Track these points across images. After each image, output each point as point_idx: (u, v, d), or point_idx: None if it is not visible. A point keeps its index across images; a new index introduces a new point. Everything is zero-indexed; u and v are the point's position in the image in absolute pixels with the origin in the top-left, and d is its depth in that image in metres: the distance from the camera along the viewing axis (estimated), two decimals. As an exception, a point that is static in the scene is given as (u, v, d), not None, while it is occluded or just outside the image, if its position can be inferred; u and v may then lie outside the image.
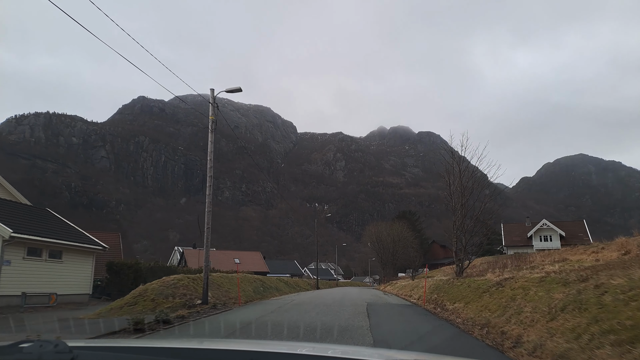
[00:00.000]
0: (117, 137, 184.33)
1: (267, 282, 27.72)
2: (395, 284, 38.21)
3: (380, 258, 58.08)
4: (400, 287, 31.18)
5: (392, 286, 37.13)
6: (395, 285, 36.34)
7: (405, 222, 59.25)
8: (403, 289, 28.33)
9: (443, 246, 69.07)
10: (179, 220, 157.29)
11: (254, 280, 25.61)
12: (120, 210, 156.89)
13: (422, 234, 68.53)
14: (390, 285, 38.86)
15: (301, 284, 40.75)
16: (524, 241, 53.11)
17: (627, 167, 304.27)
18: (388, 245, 55.69)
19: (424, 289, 19.50)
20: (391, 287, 36.95)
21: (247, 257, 62.09)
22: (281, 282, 32.41)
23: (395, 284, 38.82)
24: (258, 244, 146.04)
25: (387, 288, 37.63)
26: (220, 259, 54.10)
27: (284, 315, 12.40)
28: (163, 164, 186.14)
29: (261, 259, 63.48)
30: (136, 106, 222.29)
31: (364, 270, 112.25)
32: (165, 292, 15.22)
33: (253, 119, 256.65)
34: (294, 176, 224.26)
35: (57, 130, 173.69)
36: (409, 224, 60.03)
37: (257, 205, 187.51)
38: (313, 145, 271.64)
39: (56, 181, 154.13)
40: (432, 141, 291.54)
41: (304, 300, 19.92)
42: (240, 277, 21.54)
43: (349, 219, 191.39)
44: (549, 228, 53.81)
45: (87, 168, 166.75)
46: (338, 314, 12.71)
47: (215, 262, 50.18)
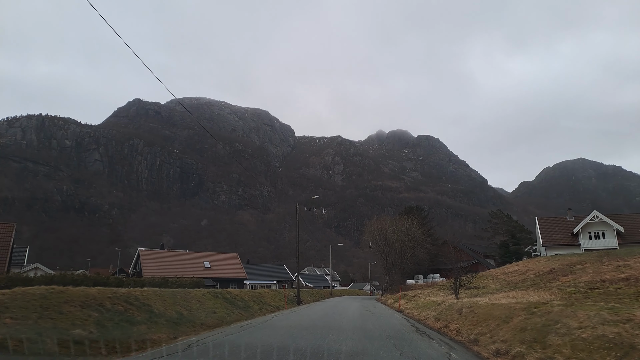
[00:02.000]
0: (111, 140, 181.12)
1: (200, 302, 16.24)
2: (416, 298, 25.03)
3: (384, 261, 47.11)
4: (434, 308, 17.20)
5: (410, 302, 24.14)
6: (417, 301, 22.62)
7: (412, 219, 48.47)
8: (454, 318, 13.30)
9: (456, 248, 61.43)
10: (173, 224, 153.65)
11: (169, 295, 14.79)
12: (113, 214, 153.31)
13: (432, 233, 56.89)
14: (407, 300, 25.87)
15: (270, 298, 26.17)
16: (567, 239, 43.59)
17: (627, 171, 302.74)
18: (394, 245, 45.65)
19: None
20: (409, 303, 23.77)
21: (222, 260, 53.49)
22: (225, 302, 18.53)
23: (414, 298, 25.43)
24: (254, 248, 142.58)
25: (403, 305, 24.59)
26: (185, 263, 47.92)
27: None
28: (158, 167, 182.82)
29: (238, 263, 53.96)
30: (131, 109, 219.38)
31: (364, 276, 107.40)
32: None
33: (250, 123, 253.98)
34: (292, 180, 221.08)
35: (49, 133, 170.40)
36: (417, 221, 49.32)
37: (254, 209, 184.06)
38: (311, 148, 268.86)
39: (47, 185, 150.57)
40: (432, 145, 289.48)
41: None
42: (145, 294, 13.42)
43: (347, 223, 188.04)
44: (601, 222, 42.78)
45: (80, 171, 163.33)
46: None
47: (179, 266, 44.74)
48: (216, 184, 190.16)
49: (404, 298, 27.86)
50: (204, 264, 49.99)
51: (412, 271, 50.45)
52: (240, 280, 50.74)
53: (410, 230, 46.57)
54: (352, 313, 20.58)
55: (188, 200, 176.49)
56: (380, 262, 50.06)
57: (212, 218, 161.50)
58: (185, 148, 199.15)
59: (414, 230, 46.89)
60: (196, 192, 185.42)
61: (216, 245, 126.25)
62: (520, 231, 50.46)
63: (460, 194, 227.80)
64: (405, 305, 24.35)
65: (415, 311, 20.00)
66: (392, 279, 45.61)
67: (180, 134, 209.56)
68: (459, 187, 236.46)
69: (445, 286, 27.48)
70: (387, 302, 33.97)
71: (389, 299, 35.67)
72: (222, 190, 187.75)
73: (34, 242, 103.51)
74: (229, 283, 46.58)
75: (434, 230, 60.62)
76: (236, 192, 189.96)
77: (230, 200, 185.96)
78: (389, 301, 33.93)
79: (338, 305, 29.93)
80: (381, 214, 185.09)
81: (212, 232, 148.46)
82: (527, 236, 50.22)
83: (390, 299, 34.91)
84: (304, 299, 34.91)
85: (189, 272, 43.96)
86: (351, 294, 71.83)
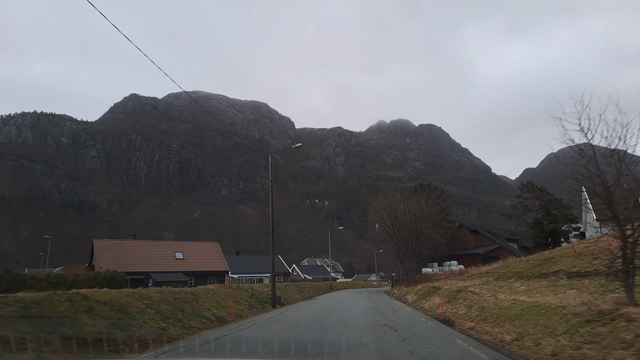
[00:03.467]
0: (108, 136, 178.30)
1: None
2: (465, 295, 15.48)
3: (396, 246, 39.20)
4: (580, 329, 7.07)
5: (461, 304, 14.31)
6: (483, 303, 12.60)
7: (427, 196, 41.51)
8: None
9: (474, 231, 50.78)
10: (174, 219, 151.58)
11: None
12: (113, 211, 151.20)
13: (447, 213, 47.74)
14: (450, 299, 15.99)
15: (213, 301, 15.74)
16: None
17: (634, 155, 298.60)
18: (407, 225, 37.91)
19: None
20: (461, 306, 14.10)
21: (197, 250, 46.25)
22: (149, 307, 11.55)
23: (461, 295, 15.83)
24: (256, 242, 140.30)
25: (452, 311, 14.29)
26: (152, 254, 41.16)
27: None
28: (157, 163, 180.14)
29: (217, 253, 46.71)
30: (128, 104, 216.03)
31: (369, 266, 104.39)
32: None
33: (249, 115, 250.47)
34: (293, 172, 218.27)
35: (45, 130, 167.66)
36: (432, 199, 41.91)
37: (255, 202, 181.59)
38: (312, 140, 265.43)
39: (45, 183, 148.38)
40: (434, 134, 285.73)
41: None
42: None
43: (350, 214, 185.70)
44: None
45: (77, 168, 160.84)
46: None
47: (143, 257, 39.02)
48: (216, 178, 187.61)
49: (435, 294, 18.60)
50: (175, 254, 42.73)
51: (427, 258, 43.34)
52: (220, 274, 43.55)
53: (426, 207, 38.94)
54: (358, 331, 10.68)
55: (188, 195, 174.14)
56: (391, 248, 41.90)
57: (213, 213, 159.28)
58: (183, 142, 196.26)
59: (430, 207, 39.27)
60: (196, 187, 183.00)
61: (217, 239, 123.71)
62: (557, 206, 41.79)
63: (464, 182, 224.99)
64: (456, 309, 13.74)
65: (508, 332, 9.19)
66: (406, 268, 37.94)
67: (179, 129, 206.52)
68: (462, 176, 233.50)
69: (504, 274, 20.67)
70: (406, 298, 24.98)
71: (406, 294, 27.12)
72: (222, 185, 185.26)
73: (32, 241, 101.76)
74: (206, 277, 40.89)
75: (450, 211, 50.93)
76: (237, 186, 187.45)
77: (231, 194, 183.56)
78: (407, 297, 25.00)
79: (335, 307, 20.28)
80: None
81: (213, 227, 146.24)
82: (565, 212, 41.64)
83: (410, 293, 26.43)
84: (289, 297, 26.89)
85: (156, 265, 38.60)
86: (355, 287, 63.81)
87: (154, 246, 44.44)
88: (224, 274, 43.58)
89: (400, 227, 38.69)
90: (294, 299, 27.86)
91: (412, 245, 38.65)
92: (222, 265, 44.55)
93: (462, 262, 42.32)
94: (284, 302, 24.26)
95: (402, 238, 38.69)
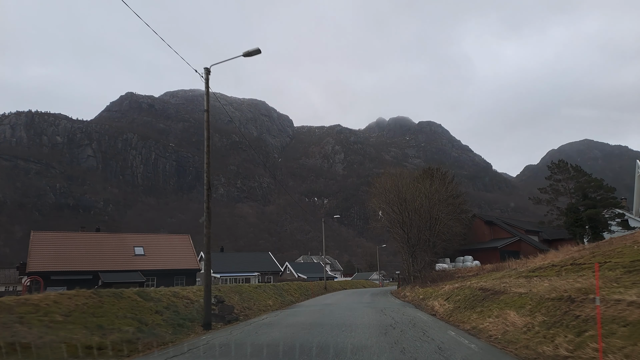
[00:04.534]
0: (104, 135, 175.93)
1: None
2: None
3: (405, 236, 32.33)
4: None
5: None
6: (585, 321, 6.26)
7: (439, 180, 35.58)
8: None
9: (490, 223, 44.62)
10: (171, 219, 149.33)
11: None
12: (109, 211, 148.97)
13: (460, 201, 40.38)
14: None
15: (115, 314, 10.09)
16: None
17: (634, 151, 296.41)
18: (419, 210, 31.65)
19: None
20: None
21: (163, 244, 39.49)
22: None
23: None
24: (255, 241, 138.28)
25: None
26: (106, 249, 34.60)
27: None
28: (153, 162, 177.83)
29: (188, 248, 39.72)
30: (124, 103, 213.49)
31: (370, 264, 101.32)
32: None
33: (247, 113, 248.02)
34: (292, 170, 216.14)
35: (40, 130, 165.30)
36: (443, 185, 35.43)
37: (254, 201, 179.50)
38: (311, 138, 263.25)
39: (40, 182, 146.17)
40: (433, 131, 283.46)
41: None
42: None
43: (350, 212, 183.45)
44: None
45: (72, 168, 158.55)
46: None
47: (94, 253, 32.86)
48: (214, 176, 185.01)
49: (494, 304, 11.07)
50: (134, 250, 36.22)
51: (440, 252, 37.15)
52: (190, 273, 37.51)
53: (441, 189, 32.88)
54: None
55: (185, 194, 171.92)
56: (399, 239, 34.79)
57: (212, 212, 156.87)
58: (180, 141, 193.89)
59: (443, 191, 33.21)
60: (194, 186, 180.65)
61: (215, 239, 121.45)
62: (597, 188, 34.90)
63: (465, 179, 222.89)
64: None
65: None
66: (419, 263, 31.55)
67: (175, 127, 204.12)
68: (463, 172, 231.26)
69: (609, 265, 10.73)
70: (430, 305, 16.97)
71: (427, 298, 19.45)
72: (220, 183, 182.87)
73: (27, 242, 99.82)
74: (172, 277, 35.26)
75: (463, 199, 42.44)
76: (235, 185, 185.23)
77: (229, 193, 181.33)
78: (433, 304, 16.67)
79: (314, 330, 11.17)
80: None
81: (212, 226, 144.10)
82: (608, 196, 34.49)
83: (433, 297, 18.35)
84: (252, 306, 18.89)
85: (109, 263, 32.67)
86: (355, 287, 56.41)
87: (109, 240, 37.33)
88: (194, 273, 37.40)
89: (410, 213, 31.53)
90: (260, 308, 19.24)
91: (425, 235, 31.70)
92: (193, 262, 37.74)
93: (477, 257, 37.68)
94: (237, 315, 15.31)
95: (412, 226, 31.62)
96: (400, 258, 40.74)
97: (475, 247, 40.11)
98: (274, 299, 23.12)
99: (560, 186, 37.24)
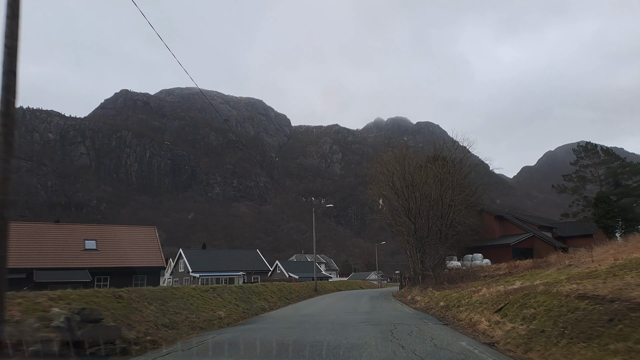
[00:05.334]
0: (97, 133, 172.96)
1: None
2: None
3: (412, 226, 27.51)
4: None
5: None
6: None
7: (446, 167, 29.95)
8: None
9: (500, 218, 39.66)
10: (165, 218, 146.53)
11: None
12: (102, 210, 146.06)
13: (468, 194, 32.50)
14: None
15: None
16: None
17: (629, 152, 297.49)
18: (430, 195, 26.96)
19: None
20: None
21: (121, 237, 32.88)
22: None
23: None
24: (251, 241, 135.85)
25: None
26: (48, 242, 29.16)
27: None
28: (148, 160, 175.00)
29: (152, 242, 33.06)
30: (119, 100, 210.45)
31: (367, 264, 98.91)
32: None
33: (244, 112, 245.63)
34: (289, 170, 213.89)
35: (31, 126, 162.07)
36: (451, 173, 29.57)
37: (250, 200, 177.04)
38: (308, 138, 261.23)
39: (31, 180, 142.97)
40: (431, 131, 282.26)
41: None
42: None
43: (347, 212, 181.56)
44: None
45: (65, 165, 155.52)
46: None
47: (32, 247, 27.56)
48: (210, 175, 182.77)
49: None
50: (84, 243, 30.61)
51: (452, 247, 31.28)
52: (153, 271, 31.62)
53: (453, 174, 28.22)
54: None
55: (180, 193, 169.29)
56: (405, 231, 29.48)
57: (206, 211, 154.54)
58: (176, 139, 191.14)
59: (456, 176, 28.72)
60: (189, 185, 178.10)
61: (211, 239, 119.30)
62: (632, 174, 30.25)
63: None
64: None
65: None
66: (431, 259, 25.68)
67: (171, 125, 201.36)
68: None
69: None
70: (468, 319, 11.34)
71: (452, 307, 14.15)
72: (216, 182, 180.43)
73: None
74: (130, 276, 29.56)
75: (472, 191, 35.44)
76: (231, 184, 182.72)
77: (224, 192, 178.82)
78: (475, 319, 10.82)
79: None
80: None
81: (206, 225, 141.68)
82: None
83: (478, 310, 11.54)
84: (202, 316, 13.73)
85: (49, 259, 27.58)
86: (351, 288, 51.15)
87: (55, 232, 31.08)
88: (158, 272, 31.70)
89: (418, 199, 26.63)
90: (197, 325, 12.56)
91: (436, 226, 26.55)
92: (158, 259, 31.37)
93: (487, 255, 34.47)
94: (130, 344, 8.31)
95: (421, 214, 26.63)
96: (403, 255, 36.30)
97: (484, 244, 36.59)
98: (231, 307, 16.77)
99: (587, 172, 32.91)
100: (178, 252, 51.61)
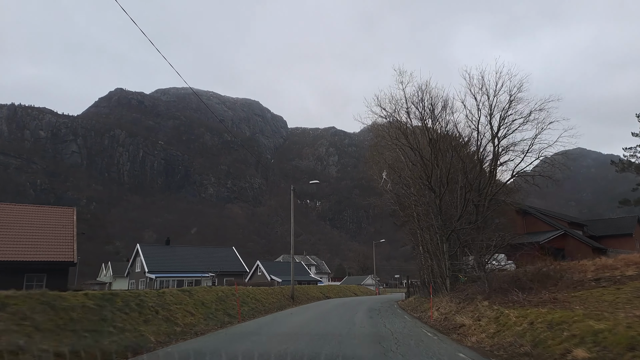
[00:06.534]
0: (90, 131, 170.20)
1: None
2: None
3: (437, 202, 19.56)
4: None
5: None
6: None
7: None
8: None
9: (523, 212, 32.41)
10: (157, 219, 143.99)
11: None
12: (92, 209, 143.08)
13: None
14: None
15: None
16: None
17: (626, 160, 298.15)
18: (456, 166, 19.95)
19: None
20: None
21: (21, 221, 23.09)
22: None
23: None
24: (244, 243, 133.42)
25: None
26: None
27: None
28: (141, 159, 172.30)
29: (67, 230, 23.70)
30: (113, 98, 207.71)
31: (363, 267, 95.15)
32: None
33: (240, 113, 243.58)
34: (284, 172, 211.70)
35: (22, 124, 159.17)
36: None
37: (244, 202, 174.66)
38: (304, 140, 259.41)
39: (19, 178, 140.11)
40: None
41: None
42: None
43: (342, 215, 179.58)
44: None
45: (55, 164, 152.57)
46: None
47: None
48: (203, 176, 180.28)
49: None
50: None
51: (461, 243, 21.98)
52: (58, 268, 22.32)
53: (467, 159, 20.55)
54: None
55: (173, 193, 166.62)
56: (420, 214, 22.00)
57: (199, 212, 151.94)
58: (170, 139, 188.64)
59: (472, 161, 20.81)
60: (182, 185, 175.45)
61: (203, 240, 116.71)
62: None
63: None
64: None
65: None
66: (476, 252, 17.61)
67: (165, 125, 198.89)
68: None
69: None
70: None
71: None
72: (209, 183, 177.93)
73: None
74: (23, 274, 20.76)
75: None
76: (225, 185, 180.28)
77: (218, 193, 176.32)
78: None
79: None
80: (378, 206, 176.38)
81: (199, 227, 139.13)
82: None
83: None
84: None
85: None
86: (343, 295, 43.50)
87: None
88: (66, 269, 22.85)
89: (441, 163, 18.85)
90: None
91: (472, 202, 18.42)
92: (67, 252, 22.57)
93: (510, 255, 28.56)
94: None
95: (450, 182, 18.95)
96: (415, 251, 26.91)
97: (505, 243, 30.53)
98: (86, 340, 8.35)
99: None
100: (135, 248, 42.52)
